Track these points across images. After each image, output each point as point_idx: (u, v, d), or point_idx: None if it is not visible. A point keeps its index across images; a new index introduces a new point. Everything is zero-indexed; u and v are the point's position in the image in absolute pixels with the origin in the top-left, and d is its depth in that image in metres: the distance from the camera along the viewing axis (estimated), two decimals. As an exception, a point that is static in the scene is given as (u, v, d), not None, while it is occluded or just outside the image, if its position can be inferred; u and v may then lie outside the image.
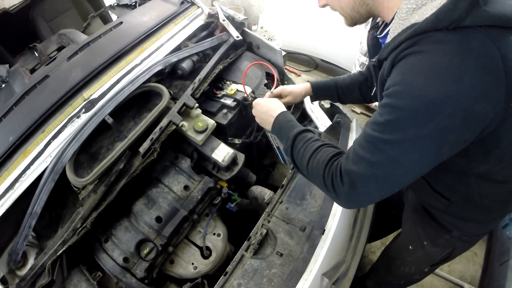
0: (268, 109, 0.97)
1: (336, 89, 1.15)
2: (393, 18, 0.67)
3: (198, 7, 1.75)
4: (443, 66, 0.54)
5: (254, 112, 1.04)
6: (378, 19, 0.82)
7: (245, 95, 1.39)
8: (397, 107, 0.59)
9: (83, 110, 1.29)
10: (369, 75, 1.10)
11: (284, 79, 1.73)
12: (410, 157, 0.61)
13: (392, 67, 0.62)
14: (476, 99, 0.55)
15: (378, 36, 0.80)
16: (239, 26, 1.70)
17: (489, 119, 0.58)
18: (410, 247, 1.17)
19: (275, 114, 0.94)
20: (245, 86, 1.22)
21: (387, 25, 0.75)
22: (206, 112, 1.41)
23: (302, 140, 0.82)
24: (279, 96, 1.14)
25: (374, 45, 0.85)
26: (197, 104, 1.34)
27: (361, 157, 0.65)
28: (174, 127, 1.27)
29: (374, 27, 0.84)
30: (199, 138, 1.28)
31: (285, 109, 0.95)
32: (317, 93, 1.17)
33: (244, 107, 1.44)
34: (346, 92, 1.15)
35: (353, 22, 0.80)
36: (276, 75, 1.29)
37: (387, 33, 0.72)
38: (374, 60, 0.74)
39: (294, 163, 0.84)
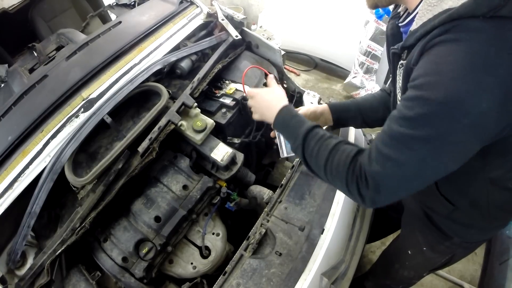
0: (269, 100, 0.89)
1: (359, 111, 1.04)
2: (417, 6, 0.64)
3: (197, 6, 1.75)
4: (480, 57, 0.51)
5: (251, 103, 0.94)
6: (400, 9, 0.79)
7: (244, 94, 1.39)
8: (430, 100, 0.54)
9: (82, 109, 1.29)
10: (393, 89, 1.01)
11: (283, 79, 1.72)
12: (441, 154, 0.58)
13: (421, 55, 0.58)
14: (509, 94, 0.52)
15: (400, 25, 0.75)
16: (238, 25, 1.70)
17: None
18: (409, 252, 1.16)
19: (278, 107, 0.85)
20: (244, 85, 1.21)
21: (409, 14, 0.71)
22: (205, 112, 1.41)
23: (314, 138, 0.75)
24: None
25: (394, 35, 0.81)
26: (196, 104, 1.34)
27: (386, 157, 0.60)
28: (173, 126, 1.27)
29: (395, 17, 0.79)
30: (198, 138, 1.28)
31: (287, 101, 0.88)
32: (337, 115, 1.05)
33: (243, 106, 1.44)
34: (370, 113, 1.03)
35: (374, 4, 0.75)
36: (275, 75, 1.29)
37: (410, 21, 0.68)
38: (396, 47, 0.70)
39: (307, 165, 0.77)
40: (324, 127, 1.12)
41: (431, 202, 0.95)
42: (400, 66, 0.71)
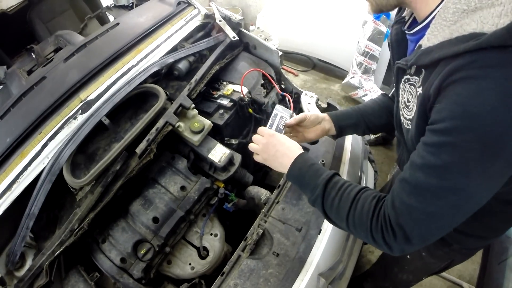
0: (284, 145, 0.82)
1: (362, 117, 1.00)
2: (428, 16, 0.61)
3: (195, 7, 1.75)
4: (510, 95, 0.47)
5: (261, 141, 0.85)
6: (405, 13, 0.75)
7: (242, 95, 1.39)
8: (459, 147, 0.51)
9: (80, 111, 1.29)
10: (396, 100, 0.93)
11: (281, 79, 1.73)
12: (474, 197, 0.54)
13: (444, 87, 0.52)
14: None
15: (407, 32, 0.71)
16: (235, 26, 1.70)
17: None
18: (408, 256, 1.15)
19: (293, 155, 0.80)
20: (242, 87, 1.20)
21: (416, 21, 0.67)
22: (202, 113, 1.41)
23: (334, 188, 0.71)
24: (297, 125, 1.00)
25: (399, 41, 0.77)
26: (193, 105, 1.35)
27: (413, 208, 0.57)
28: (170, 127, 1.28)
29: (400, 22, 0.76)
30: (195, 139, 1.28)
31: (302, 149, 0.82)
32: (340, 124, 1.01)
33: (240, 107, 1.44)
34: (374, 119, 1.00)
35: (378, 8, 0.69)
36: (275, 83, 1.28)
37: (419, 31, 0.65)
38: (403, 63, 0.66)
39: (326, 215, 0.74)
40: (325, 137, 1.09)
41: None
42: (406, 80, 0.68)
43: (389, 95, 1.05)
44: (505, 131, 0.48)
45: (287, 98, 1.13)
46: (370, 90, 2.94)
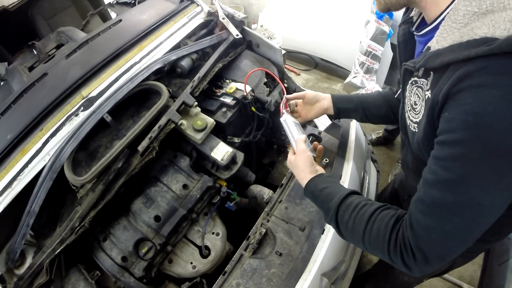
0: (299, 170, 0.86)
1: (361, 104, 1.02)
2: (437, 17, 0.59)
3: (198, 5, 1.74)
4: None
5: (294, 158, 0.89)
6: (412, 13, 0.74)
7: (245, 94, 1.39)
8: (472, 159, 0.49)
9: (82, 108, 1.29)
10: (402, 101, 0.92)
11: (284, 78, 1.72)
12: (490, 212, 0.53)
13: (453, 93, 0.51)
14: None
15: (415, 33, 0.70)
16: (238, 24, 1.69)
17: None
18: None
19: (310, 175, 0.83)
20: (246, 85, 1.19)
21: (425, 22, 0.66)
22: (205, 111, 1.41)
23: (348, 210, 0.71)
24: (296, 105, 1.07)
25: (406, 42, 0.77)
26: (196, 103, 1.34)
27: (430, 228, 0.55)
28: (173, 125, 1.27)
29: (408, 22, 0.75)
30: (198, 137, 1.27)
31: (317, 172, 0.84)
32: (338, 106, 1.05)
33: (243, 106, 1.44)
34: (373, 108, 1.02)
35: (386, 7, 0.68)
36: (281, 83, 1.28)
37: (428, 32, 0.64)
38: (411, 65, 0.65)
39: (343, 236, 0.75)
40: (325, 115, 1.10)
41: None
42: (414, 82, 0.67)
43: (395, 95, 1.04)
44: None
45: (281, 87, 1.14)
46: (372, 90, 2.93)
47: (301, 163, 0.86)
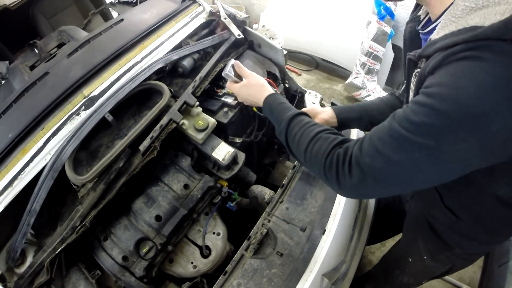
0: (260, 85, 0.92)
1: (366, 112, 1.03)
2: (442, 14, 0.62)
3: (200, 5, 1.74)
4: (501, 80, 0.48)
5: (242, 83, 0.96)
6: (420, 12, 0.77)
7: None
8: (438, 111, 0.52)
9: (83, 107, 1.28)
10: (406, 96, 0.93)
11: (285, 78, 1.72)
12: (436, 165, 0.56)
13: (439, 66, 0.55)
14: None
15: (421, 32, 0.73)
16: (240, 24, 1.69)
17: None
18: (410, 259, 1.15)
19: (265, 93, 0.89)
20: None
21: (430, 20, 0.69)
22: (206, 111, 1.41)
23: (298, 124, 0.76)
24: None
25: (412, 39, 0.80)
26: (197, 102, 1.34)
27: (379, 152, 0.59)
28: (174, 125, 1.27)
29: (414, 20, 0.78)
30: (199, 137, 1.27)
31: (272, 91, 0.91)
32: (341, 116, 1.04)
33: (244, 106, 1.44)
34: (377, 115, 1.01)
35: None
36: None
37: (432, 30, 0.67)
38: (412, 54, 0.67)
39: (289, 149, 0.79)
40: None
41: (435, 212, 0.94)
42: (416, 74, 0.69)
43: (397, 94, 1.05)
44: (486, 112, 0.49)
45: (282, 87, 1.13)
46: (373, 91, 2.93)
47: (258, 80, 0.93)
